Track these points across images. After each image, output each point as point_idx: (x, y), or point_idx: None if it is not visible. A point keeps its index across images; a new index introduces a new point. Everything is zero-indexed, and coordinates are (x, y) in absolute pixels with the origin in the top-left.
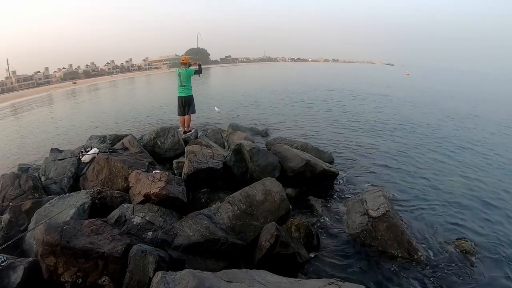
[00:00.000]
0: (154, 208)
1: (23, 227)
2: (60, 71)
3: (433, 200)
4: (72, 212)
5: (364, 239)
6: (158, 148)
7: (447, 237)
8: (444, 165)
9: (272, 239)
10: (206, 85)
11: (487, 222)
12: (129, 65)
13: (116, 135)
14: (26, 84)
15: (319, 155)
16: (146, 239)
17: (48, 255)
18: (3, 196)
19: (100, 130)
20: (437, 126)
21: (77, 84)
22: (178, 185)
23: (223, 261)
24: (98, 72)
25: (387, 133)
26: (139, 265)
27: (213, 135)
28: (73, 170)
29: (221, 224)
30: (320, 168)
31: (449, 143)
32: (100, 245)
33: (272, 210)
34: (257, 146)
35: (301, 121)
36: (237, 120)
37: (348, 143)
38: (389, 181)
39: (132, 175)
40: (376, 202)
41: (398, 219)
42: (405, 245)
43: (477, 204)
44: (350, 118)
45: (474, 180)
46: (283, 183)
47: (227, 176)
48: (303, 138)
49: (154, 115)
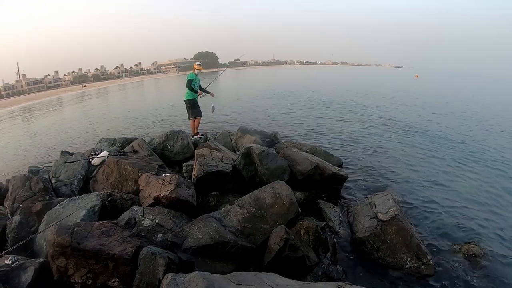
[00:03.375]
0: (164, 211)
1: (34, 229)
2: (70, 75)
3: (442, 203)
4: (83, 214)
5: (373, 242)
6: (167, 151)
7: (456, 241)
8: (454, 169)
9: (281, 242)
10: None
11: (496, 226)
12: (138, 69)
13: (126, 138)
14: (36, 87)
15: (328, 159)
16: (156, 241)
17: (59, 256)
18: (13, 198)
19: (110, 133)
20: (447, 130)
21: (86, 88)
22: (188, 188)
23: (233, 264)
24: (107, 76)
25: (396, 136)
26: (149, 267)
27: (222, 139)
28: (83, 173)
29: (231, 227)
30: (329, 172)
31: (459, 146)
32: (110, 246)
33: (282, 213)
34: (266, 150)
35: (310, 124)
36: (246, 123)
37: (357, 146)
38: (398, 184)
39: (142, 178)
40: (385, 206)
41: (407, 222)
42: (414, 248)
43: (486, 208)
44: (359, 121)
45: (483, 184)
46: (292, 186)
47: (237, 179)
48: (312, 141)
49: (164, 118)
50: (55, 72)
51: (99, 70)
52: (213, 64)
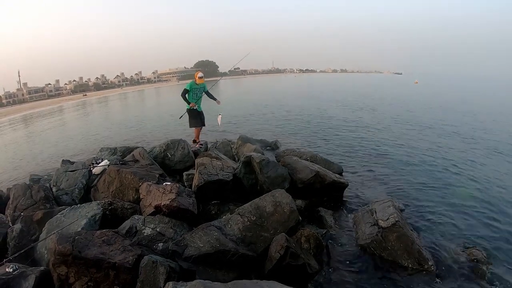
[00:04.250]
0: (164, 220)
1: (35, 237)
2: (70, 83)
3: (443, 209)
4: (84, 223)
5: (374, 249)
6: (168, 160)
7: (458, 246)
8: (454, 175)
9: (282, 250)
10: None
11: (498, 231)
12: (138, 78)
13: (127, 147)
14: (37, 96)
15: (328, 166)
16: (157, 250)
17: (60, 265)
18: (15, 206)
19: (110, 142)
20: (446, 136)
21: (87, 97)
22: (189, 197)
23: (233, 272)
24: (108, 85)
25: (396, 143)
26: (150, 276)
27: (222, 147)
28: (84, 182)
29: (231, 236)
30: (330, 179)
31: (458, 152)
32: (111, 255)
33: (282, 221)
34: (266, 158)
35: (310, 132)
36: (247, 132)
37: (357, 154)
38: (398, 191)
39: (142, 187)
40: (385, 212)
41: (408, 229)
42: (415, 255)
43: (488, 213)
44: (359, 129)
45: (484, 189)
46: (292, 194)
47: (237, 188)
48: (313, 149)
49: (164, 127)
50: (56, 81)
51: (99, 79)
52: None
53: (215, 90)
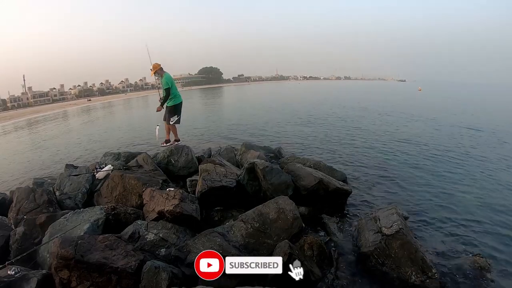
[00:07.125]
0: (167, 225)
1: (37, 240)
2: (75, 88)
3: (446, 217)
4: (86, 227)
5: (378, 257)
6: (172, 166)
7: (462, 254)
8: (457, 182)
9: (285, 257)
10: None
11: (502, 239)
12: (143, 84)
13: (131, 153)
14: (41, 100)
15: (332, 173)
16: (160, 255)
17: (62, 268)
18: (18, 209)
19: (114, 147)
20: (450, 143)
21: (91, 102)
22: (192, 203)
23: (236, 279)
24: (112, 90)
25: (400, 151)
26: (152, 281)
27: (226, 154)
28: (88, 186)
29: (234, 242)
30: (333, 187)
31: (462, 160)
32: (113, 260)
33: (285, 228)
34: (270, 165)
35: (314, 140)
36: (250, 139)
37: (360, 161)
38: (402, 198)
39: (146, 192)
40: (389, 220)
41: (412, 236)
42: (419, 262)
43: (492, 221)
44: (363, 136)
45: (488, 197)
46: (296, 201)
47: (241, 195)
48: (316, 156)
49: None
50: (61, 85)
51: (104, 84)
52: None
53: (218, 96)
